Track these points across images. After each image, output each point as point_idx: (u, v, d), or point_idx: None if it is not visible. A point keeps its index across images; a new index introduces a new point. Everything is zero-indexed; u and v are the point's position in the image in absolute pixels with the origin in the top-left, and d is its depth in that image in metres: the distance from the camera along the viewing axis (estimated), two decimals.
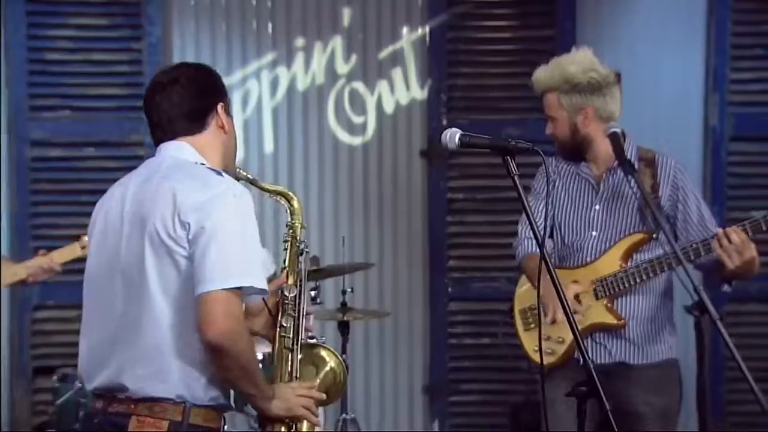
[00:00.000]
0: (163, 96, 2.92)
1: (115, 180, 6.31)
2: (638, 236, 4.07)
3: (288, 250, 3.23)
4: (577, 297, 4.11)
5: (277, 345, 3.07)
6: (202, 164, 2.87)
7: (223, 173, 2.86)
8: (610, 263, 4.11)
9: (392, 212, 6.86)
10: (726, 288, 4.06)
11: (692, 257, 3.85)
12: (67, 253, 4.69)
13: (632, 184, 4.00)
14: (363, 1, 6.75)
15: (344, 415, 5.48)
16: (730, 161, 6.72)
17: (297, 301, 3.12)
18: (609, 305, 4.11)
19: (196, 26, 6.66)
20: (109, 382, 2.76)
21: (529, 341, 4.25)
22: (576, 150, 4.25)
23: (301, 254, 3.23)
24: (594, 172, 4.24)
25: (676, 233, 4.11)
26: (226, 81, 6.39)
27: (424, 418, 6.92)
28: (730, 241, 3.77)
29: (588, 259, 4.17)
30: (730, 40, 6.68)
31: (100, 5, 6.57)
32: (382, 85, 6.80)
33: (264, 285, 2.76)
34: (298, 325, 3.09)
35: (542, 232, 2.75)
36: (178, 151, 2.90)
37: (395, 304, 6.77)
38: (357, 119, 6.82)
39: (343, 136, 6.83)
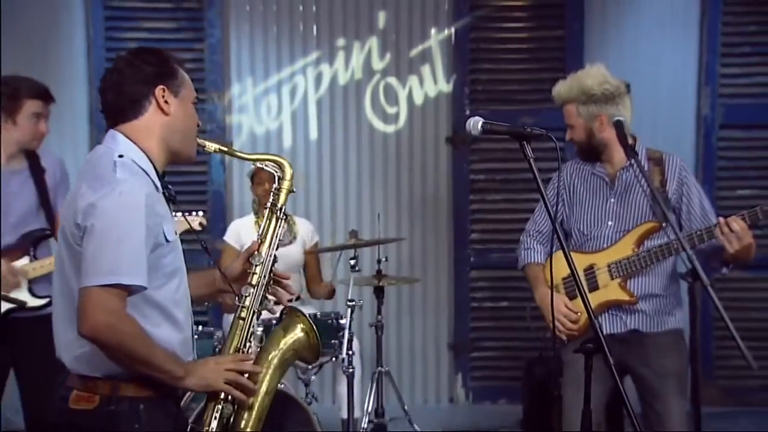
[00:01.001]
0: (105, 84, 2.75)
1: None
2: (649, 225, 4.09)
3: (266, 218, 3.06)
4: (590, 270, 4.20)
5: (234, 318, 2.92)
6: (121, 156, 2.61)
7: (121, 169, 2.57)
8: (624, 248, 4.13)
9: (421, 192, 6.90)
10: (725, 271, 4.08)
11: (696, 243, 3.86)
12: None
13: (636, 172, 4.05)
14: (396, 6, 6.78)
15: (380, 368, 5.47)
16: (719, 146, 6.74)
17: (262, 271, 2.94)
18: (622, 284, 4.13)
19: (250, 29, 6.69)
20: (60, 359, 2.69)
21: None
22: (593, 152, 4.27)
23: (280, 221, 3.05)
24: (608, 171, 4.25)
25: (681, 223, 4.15)
26: (277, 77, 6.63)
27: (449, 371, 6.98)
28: (731, 228, 3.80)
29: (605, 246, 4.19)
30: (720, 39, 6.70)
31: (167, 11, 6.61)
32: (413, 80, 6.83)
33: (136, 281, 2.49)
34: (258, 294, 2.92)
35: (554, 211, 2.78)
36: (108, 142, 2.71)
37: (424, 271, 6.82)
38: (390, 110, 6.86)
39: (378, 125, 6.86)
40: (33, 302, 4.34)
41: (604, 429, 4.34)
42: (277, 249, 3.00)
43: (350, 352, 5.00)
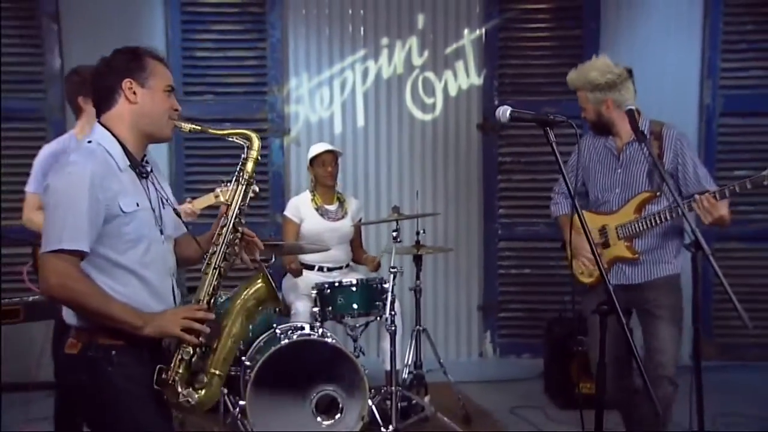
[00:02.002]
0: (92, 82, 2.86)
1: (242, 144, 6.44)
2: (646, 194, 4.19)
3: (233, 183, 3.03)
4: (603, 230, 4.34)
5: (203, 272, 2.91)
6: (89, 141, 2.73)
7: (78, 152, 2.70)
8: (627, 213, 4.23)
9: (455, 172, 6.89)
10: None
11: (681, 213, 3.93)
12: (204, 201, 4.74)
13: (645, 151, 4.11)
14: (433, 9, 6.76)
15: (418, 326, 5.48)
16: (719, 132, 6.72)
17: (225, 231, 2.93)
18: (627, 244, 4.24)
19: (306, 30, 6.70)
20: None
21: (576, 266, 4.41)
22: (603, 129, 4.38)
23: (243, 185, 3.01)
24: (617, 144, 4.34)
25: (679, 187, 4.20)
26: (328, 72, 6.65)
27: (479, 330, 7.01)
28: (703, 204, 3.91)
29: (614, 209, 4.30)
30: (721, 37, 6.67)
31: (234, 15, 6.62)
32: (448, 74, 6.82)
33: (76, 246, 2.56)
34: (221, 252, 2.91)
35: (574, 185, 2.79)
36: (93, 131, 2.80)
37: (457, 242, 6.82)
38: (428, 100, 6.85)
39: (417, 114, 6.86)
40: None
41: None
42: (241, 213, 2.99)
43: (393, 313, 5.03)
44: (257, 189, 4.93)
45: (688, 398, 3.72)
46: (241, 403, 4.68)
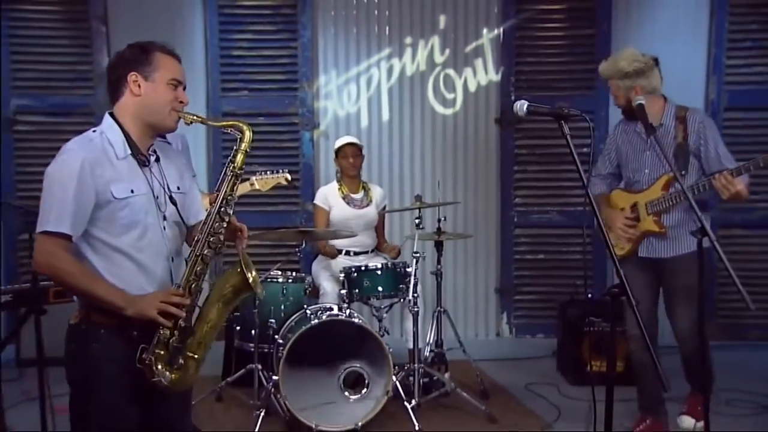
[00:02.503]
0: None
1: (278, 137, 6.47)
2: (669, 176, 4.36)
3: (223, 174, 2.95)
4: (635, 206, 4.55)
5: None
6: (94, 130, 2.76)
7: (76, 141, 2.71)
8: (655, 191, 4.44)
9: (474, 163, 6.88)
10: None
11: (701, 190, 4.20)
12: (240, 189, 4.70)
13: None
14: (454, 10, 6.75)
15: (439, 308, 5.47)
16: (724, 125, 6.61)
17: (208, 220, 2.86)
18: (656, 219, 4.44)
19: (335, 30, 6.71)
20: None
21: (612, 238, 4.59)
22: (633, 114, 4.47)
23: (232, 177, 2.91)
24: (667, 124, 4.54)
25: (702, 165, 4.41)
26: (355, 69, 6.66)
27: (496, 311, 7.01)
28: (723, 181, 4.10)
29: (643, 187, 4.51)
30: (726, 36, 6.64)
31: (268, 16, 6.63)
32: (468, 71, 6.81)
33: (59, 229, 2.58)
34: (204, 240, 2.83)
35: (591, 172, 2.78)
36: (102, 120, 2.83)
37: (476, 229, 6.81)
38: (449, 96, 6.84)
39: (439, 108, 6.85)
40: None
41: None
42: (227, 203, 2.91)
43: (415, 295, 5.04)
44: (289, 177, 4.99)
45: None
46: (274, 378, 4.70)
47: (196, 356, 2.82)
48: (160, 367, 2.73)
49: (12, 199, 6.19)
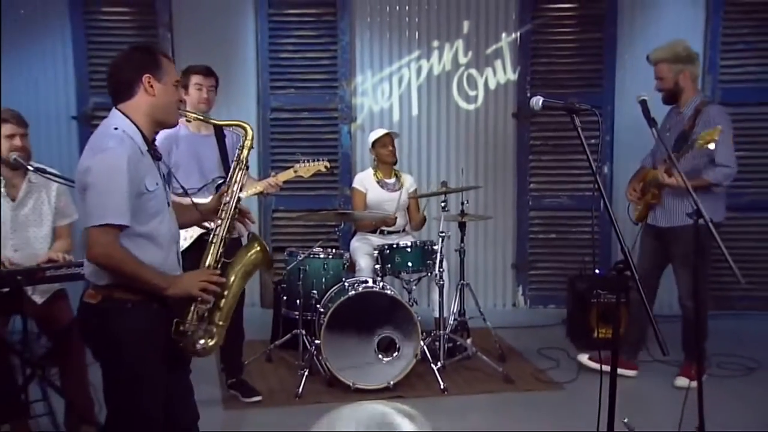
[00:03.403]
0: (109, 72, 2.74)
1: (320, 129, 6.44)
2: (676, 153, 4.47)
3: (233, 168, 3.02)
4: (649, 182, 4.75)
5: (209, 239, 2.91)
6: (116, 128, 2.63)
7: (112, 139, 2.59)
8: (660, 169, 4.61)
9: (493, 153, 6.83)
10: None
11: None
12: (285, 175, 4.66)
13: (653, 131, 4.15)
14: (477, 17, 6.69)
15: (462, 281, 5.46)
16: None
17: (228, 207, 2.94)
18: (655, 192, 4.70)
19: (370, 34, 6.66)
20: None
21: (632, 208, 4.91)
22: (674, 96, 4.67)
23: (241, 170, 3.00)
24: (674, 112, 4.74)
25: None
26: (388, 69, 6.64)
27: (513, 285, 6.98)
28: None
29: (657, 165, 4.76)
30: (720, 39, 6.56)
31: (311, 22, 6.59)
32: (488, 71, 6.74)
33: (119, 221, 2.54)
34: (226, 224, 2.92)
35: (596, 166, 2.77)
36: (110, 116, 2.71)
37: (495, 211, 6.77)
38: (471, 93, 6.78)
39: (462, 104, 6.79)
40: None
41: None
42: (240, 191, 2.99)
43: (441, 270, 5.05)
44: (329, 165, 4.99)
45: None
46: (317, 341, 4.73)
47: (222, 324, 2.85)
48: (197, 337, 2.78)
49: None
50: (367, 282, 4.96)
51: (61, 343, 3.84)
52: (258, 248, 3.00)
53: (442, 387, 4.73)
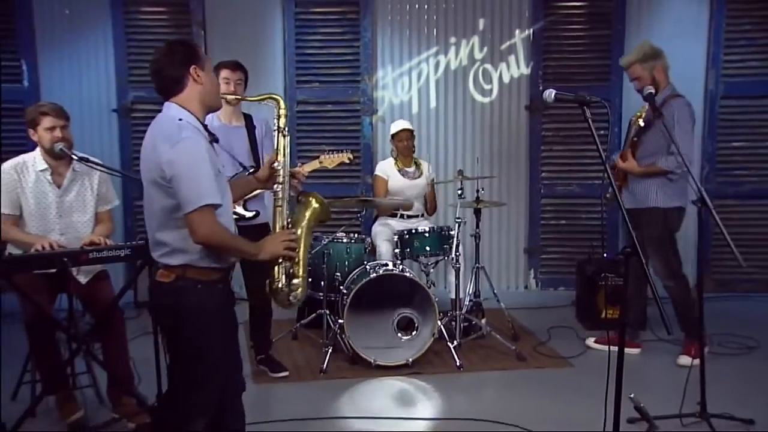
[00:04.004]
0: (153, 69, 2.74)
1: (343, 121, 6.44)
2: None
3: (276, 137, 3.09)
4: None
5: (273, 205, 3.03)
6: (180, 120, 2.65)
7: (184, 129, 2.61)
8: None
9: (507, 143, 6.80)
10: None
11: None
12: (310, 165, 4.65)
13: (660, 122, 4.33)
14: (492, 14, 6.65)
15: (477, 264, 5.46)
16: (720, 111, 6.60)
17: (283, 172, 3.03)
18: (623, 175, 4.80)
19: (391, 31, 6.64)
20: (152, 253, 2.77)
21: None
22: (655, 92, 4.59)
23: (285, 137, 3.08)
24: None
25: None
26: (408, 64, 6.63)
27: (525, 268, 6.96)
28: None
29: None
30: (723, 36, 6.53)
31: (335, 20, 6.57)
32: (503, 66, 6.70)
33: (215, 201, 2.58)
34: (285, 187, 3.02)
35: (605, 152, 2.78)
36: (167, 110, 2.72)
37: (508, 198, 6.74)
38: (486, 87, 6.74)
39: (478, 97, 6.76)
40: (247, 214, 4.40)
41: None
42: (284, 156, 3.06)
43: (457, 253, 5.04)
44: (352, 156, 5.00)
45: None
46: (340, 321, 4.75)
47: (303, 275, 3.00)
48: (288, 291, 2.95)
49: (130, 173, 6.30)
50: (387, 265, 4.97)
51: (103, 320, 3.88)
52: (316, 203, 3.13)
53: (458, 364, 4.73)
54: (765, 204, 6.70)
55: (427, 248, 5.15)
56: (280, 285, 2.94)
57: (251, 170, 4.41)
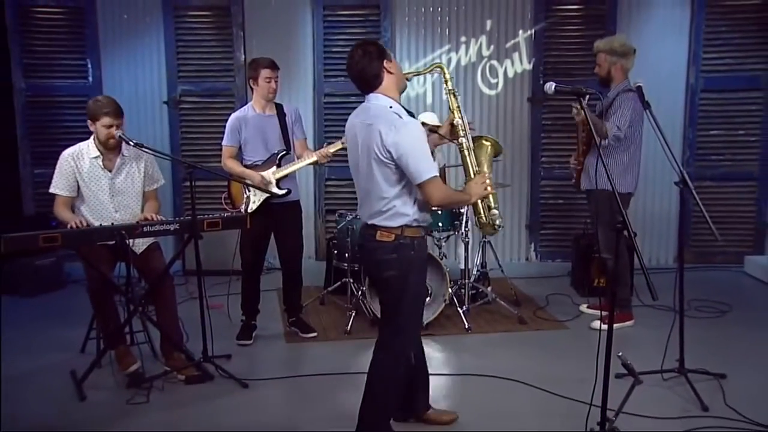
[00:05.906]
0: (353, 71, 2.81)
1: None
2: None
3: (450, 99, 3.15)
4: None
5: (461, 154, 3.12)
6: (390, 107, 2.76)
7: (403, 115, 2.75)
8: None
9: (511, 130, 6.73)
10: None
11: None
12: (334, 147, 4.56)
13: (647, 112, 4.01)
14: (498, 16, 6.57)
15: (483, 239, 5.47)
16: (700, 104, 6.52)
17: (462, 124, 3.12)
18: (581, 159, 4.79)
19: (408, 31, 6.59)
20: (368, 220, 2.88)
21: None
22: (606, 82, 4.65)
23: (456, 96, 3.16)
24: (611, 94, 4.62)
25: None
26: (423, 60, 6.55)
27: (526, 242, 6.92)
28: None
29: None
30: (703, 36, 6.45)
31: (359, 21, 6.52)
32: (507, 62, 6.64)
33: (434, 172, 2.70)
34: (468, 137, 3.12)
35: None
36: (377, 100, 2.79)
37: (512, 179, 6.72)
38: (493, 81, 6.68)
39: (485, 90, 6.70)
40: (280, 193, 4.39)
41: None
42: (460, 113, 3.14)
43: (466, 229, 5.02)
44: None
45: (674, 289, 3.64)
46: (362, 288, 4.76)
47: (497, 206, 3.13)
48: (492, 222, 3.10)
49: (179, 157, 6.32)
50: None
51: (156, 286, 3.92)
52: (486, 142, 3.32)
53: (466, 327, 4.73)
54: (738, 185, 6.62)
55: (440, 224, 5.11)
56: (484, 218, 3.09)
57: (283, 153, 4.45)
